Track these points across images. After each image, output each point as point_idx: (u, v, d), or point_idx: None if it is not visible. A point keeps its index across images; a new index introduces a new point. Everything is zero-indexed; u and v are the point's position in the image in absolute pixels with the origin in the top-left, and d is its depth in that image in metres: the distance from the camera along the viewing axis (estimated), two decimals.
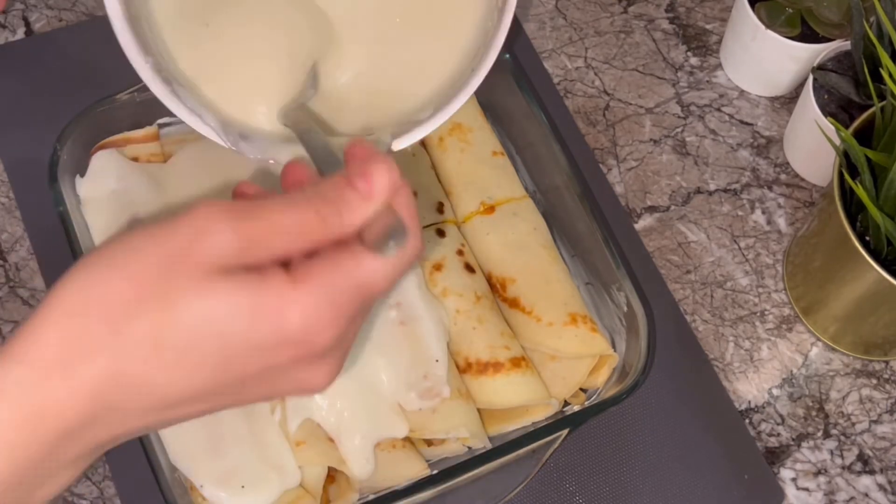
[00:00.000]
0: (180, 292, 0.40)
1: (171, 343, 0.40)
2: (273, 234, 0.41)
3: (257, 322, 0.40)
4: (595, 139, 0.77)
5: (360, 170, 0.43)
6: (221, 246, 0.40)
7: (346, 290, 0.41)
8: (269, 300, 0.40)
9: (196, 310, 0.40)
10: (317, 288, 0.41)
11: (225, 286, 0.40)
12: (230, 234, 0.40)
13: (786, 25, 0.73)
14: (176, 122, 0.71)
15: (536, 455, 0.61)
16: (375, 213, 0.43)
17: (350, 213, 0.42)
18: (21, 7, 0.79)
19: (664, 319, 0.70)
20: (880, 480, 0.67)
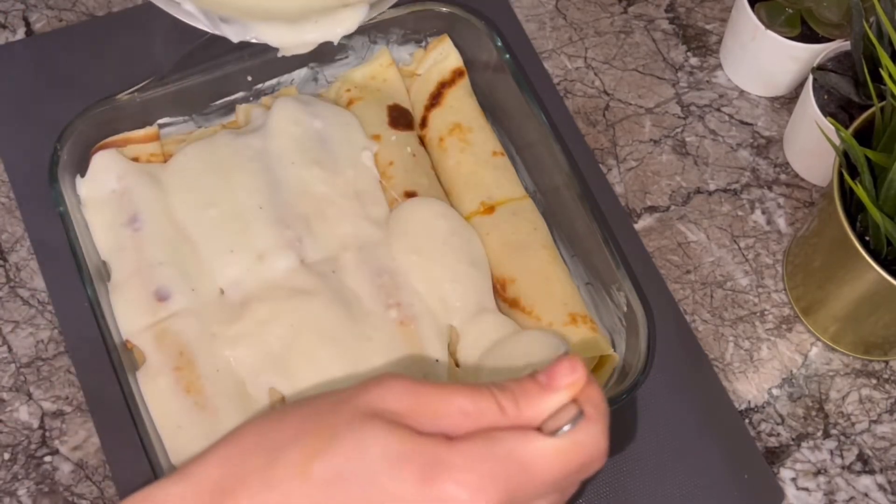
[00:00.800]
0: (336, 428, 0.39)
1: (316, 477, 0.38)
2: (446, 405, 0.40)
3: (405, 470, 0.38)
4: (595, 139, 0.77)
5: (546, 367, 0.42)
6: (391, 397, 0.40)
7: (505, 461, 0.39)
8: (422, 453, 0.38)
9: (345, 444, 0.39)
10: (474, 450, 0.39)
11: (381, 428, 0.39)
12: (405, 391, 0.40)
13: (786, 25, 0.73)
14: (176, 122, 0.71)
15: None
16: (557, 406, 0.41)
17: (527, 402, 0.41)
18: (21, 7, 0.79)
19: (664, 319, 0.70)
20: (880, 480, 0.67)
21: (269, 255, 0.64)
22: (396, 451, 0.38)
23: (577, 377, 0.42)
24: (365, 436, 0.39)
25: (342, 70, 0.74)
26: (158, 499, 0.40)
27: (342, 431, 0.39)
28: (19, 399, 0.66)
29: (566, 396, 0.42)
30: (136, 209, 0.66)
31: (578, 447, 0.40)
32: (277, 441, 0.40)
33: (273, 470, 0.39)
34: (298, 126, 0.68)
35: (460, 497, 0.38)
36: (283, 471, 0.39)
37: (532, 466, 0.39)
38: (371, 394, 0.40)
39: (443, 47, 0.73)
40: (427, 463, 0.38)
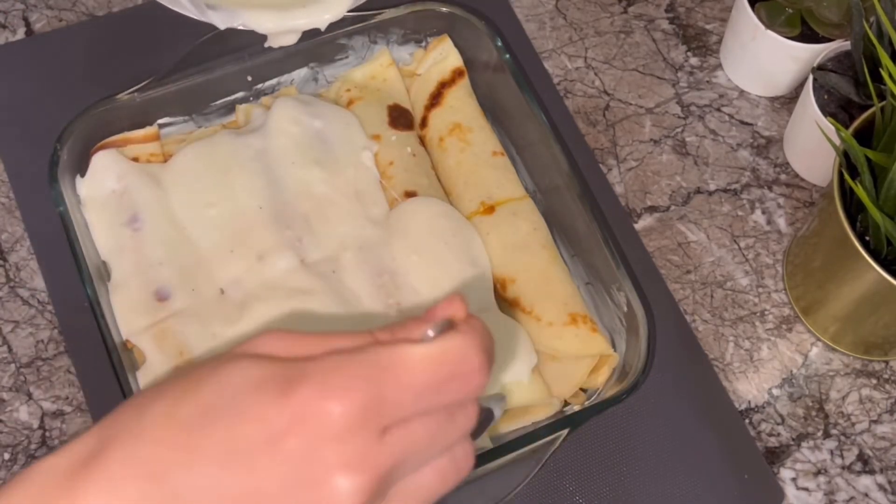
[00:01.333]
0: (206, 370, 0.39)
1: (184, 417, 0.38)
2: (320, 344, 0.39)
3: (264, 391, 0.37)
4: (595, 139, 0.77)
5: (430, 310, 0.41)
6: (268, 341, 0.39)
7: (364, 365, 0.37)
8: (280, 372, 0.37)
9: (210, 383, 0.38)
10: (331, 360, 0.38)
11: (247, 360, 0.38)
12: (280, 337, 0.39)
13: (786, 25, 0.73)
14: (176, 122, 0.71)
15: (536, 455, 0.61)
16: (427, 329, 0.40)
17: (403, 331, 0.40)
18: (21, 7, 0.80)
19: (664, 319, 0.70)
20: (880, 480, 0.67)
21: (269, 255, 0.64)
22: (257, 375, 0.37)
23: (458, 308, 0.41)
24: (227, 372, 0.38)
25: (342, 70, 0.74)
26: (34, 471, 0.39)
27: (208, 374, 0.38)
28: (19, 399, 0.66)
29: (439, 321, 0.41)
30: (136, 209, 0.66)
31: (445, 354, 0.39)
32: (149, 397, 0.39)
33: (141, 422, 0.38)
34: (298, 126, 0.68)
35: (319, 402, 0.36)
36: (151, 420, 0.38)
37: (395, 369, 0.38)
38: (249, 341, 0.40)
39: (443, 47, 0.73)
40: (287, 376, 0.37)
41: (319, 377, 0.37)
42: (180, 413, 0.38)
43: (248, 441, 0.37)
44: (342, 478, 0.36)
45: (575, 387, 0.64)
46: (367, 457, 0.37)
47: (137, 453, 0.37)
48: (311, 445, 0.36)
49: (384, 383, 0.37)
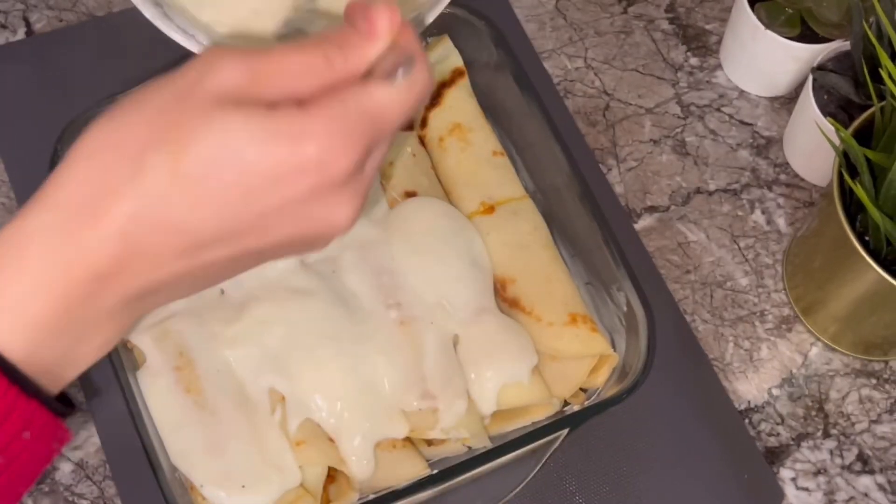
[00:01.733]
0: (193, 123, 0.40)
1: (188, 174, 0.40)
2: (280, 71, 0.42)
3: (272, 148, 0.40)
4: (595, 139, 0.77)
5: (362, 13, 0.44)
6: (230, 77, 0.41)
7: (358, 116, 0.42)
8: (283, 127, 0.40)
9: (210, 138, 0.40)
10: (328, 114, 0.41)
11: (236, 115, 0.40)
12: (238, 66, 0.41)
13: (785, 25, 0.73)
14: None
15: (536, 455, 0.61)
16: (381, 51, 0.44)
17: (353, 53, 0.43)
18: (21, 7, 0.80)
19: (664, 319, 0.70)
20: (880, 480, 0.67)
21: None
22: (258, 129, 0.40)
23: (394, 19, 0.44)
24: (223, 124, 0.40)
25: None
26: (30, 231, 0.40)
27: (200, 125, 0.40)
28: None
29: (387, 41, 0.44)
30: None
31: (414, 86, 0.44)
32: (134, 148, 0.40)
33: (143, 177, 0.40)
34: None
35: (326, 155, 0.41)
36: (154, 175, 0.39)
37: (381, 114, 0.42)
38: (210, 79, 0.41)
39: (443, 47, 0.73)
40: (288, 132, 0.40)
41: (322, 136, 0.41)
42: (182, 168, 0.40)
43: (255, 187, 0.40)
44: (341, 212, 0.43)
45: (575, 387, 0.64)
46: (359, 189, 0.44)
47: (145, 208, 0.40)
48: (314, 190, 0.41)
49: (374, 131, 0.43)
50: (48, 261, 0.40)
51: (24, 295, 0.40)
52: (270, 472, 0.58)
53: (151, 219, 0.40)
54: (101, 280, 0.40)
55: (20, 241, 0.40)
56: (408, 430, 0.60)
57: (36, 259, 0.40)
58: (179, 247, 0.41)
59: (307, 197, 0.41)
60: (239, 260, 0.43)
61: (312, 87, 0.42)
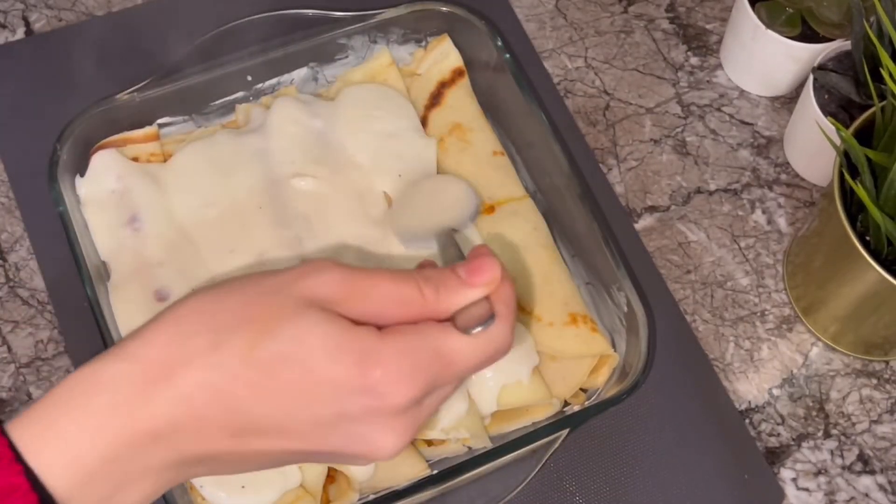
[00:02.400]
0: (277, 315, 0.42)
1: (259, 361, 0.42)
2: (374, 293, 0.44)
3: (341, 361, 0.42)
4: (595, 139, 0.77)
5: (467, 262, 0.47)
6: (327, 285, 0.44)
7: (429, 356, 0.44)
8: (356, 345, 0.43)
9: (287, 333, 0.42)
10: (402, 345, 0.43)
11: (319, 317, 0.43)
12: (337, 278, 0.44)
13: (786, 25, 0.73)
14: (176, 121, 0.71)
15: (536, 455, 0.61)
16: (472, 300, 0.46)
17: (447, 293, 0.46)
18: (21, 7, 0.80)
19: (664, 319, 0.70)
20: (880, 480, 0.67)
21: (269, 255, 0.64)
22: (333, 339, 0.42)
23: (494, 276, 0.47)
24: (304, 324, 0.42)
25: (342, 70, 0.74)
26: (103, 378, 0.42)
27: (284, 319, 0.43)
28: (19, 399, 0.66)
29: (482, 293, 0.46)
30: (136, 209, 0.66)
31: (490, 343, 0.46)
32: (220, 324, 0.43)
33: (217, 353, 0.42)
34: (298, 126, 0.68)
35: (389, 384, 0.43)
36: (228, 354, 0.42)
37: (451, 360, 0.45)
38: (308, 281, 0.44)
39: (443, 47, 0.73)
40: (360, 351, 0.42)
41: (390, 364, 0.43)
42: (255, 355, 0.42)
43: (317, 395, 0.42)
44: (390, 440, 0.44)
45: (575, 387, 0.64)
46: (412, 423, 0.45)
47: (213, 381, 0.42)
48: (370, 413, 0.43)
49: (441, 373, 0.44)
50: (114, 409, 0.41)
51: (81, 431, 0.41)
52: (270, 473, 0.58)
53: (215, 393, 0.42)
54: (155, 438, 0.42)
55: (93, 383, 0.42)
56: None
57: (102, 401, 0.41)
58: (233, 426, 0.42)
59: (361, 417, 0.43)
60: (282, 456, 0.45)
61: (398, 317, 0.45)
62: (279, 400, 0.42)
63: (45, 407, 0.42)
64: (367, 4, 0.72)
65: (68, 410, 0.41)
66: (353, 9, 0.71)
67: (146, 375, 0.42)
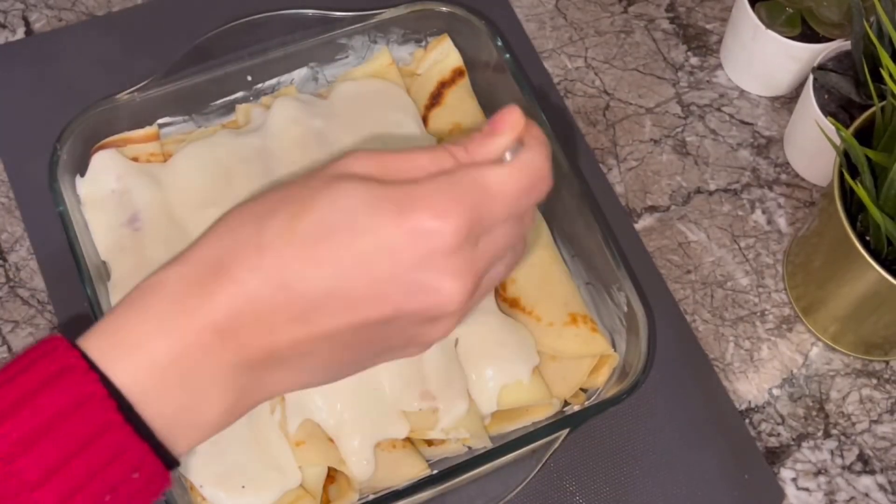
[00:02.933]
0: (314, 191, 0.43)
1: (303, 234, 0.42)
2: (408, 164, 0.44)
3: (382, 213, 0.42)
4: (595, 139, 0.77)
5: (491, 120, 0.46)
6: (360, 163, 0.44)
7: (466, 186, 0.43)
8: (393, 194, 0.42)
9: (326, 202, 0.42)
10: (437, 183, 0.43)
11: (353, 182, 0.43)
12: (370, 159, 0.44)
13: (786, 25, 0.73)
14: (176, 121, 0.71)
15: (536, 455, 0.61)
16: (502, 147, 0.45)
17: (475, 147, 0.45)
18: (21, 7, 0.80)
19: (664, 319, 0.70)
20: (880, 480, 0.67)
21: None
22: (371, 195, 0.42)
23: (516, 118, 0.46)
24: (339, 191, 0.42)
25: (342, 70, 0.74)
26: (165, 281, 0.43)
27: (318, 192, 0.43)
28: None
29: (509, 138, 0.46)
30: (136, 209, 0.66)
31: (525, 167, 0.45)
32: (262, 211, 0.43)
33: (261, 237, 0.42)
34: (298, 126, 0.68)
35: (433, 222, 0.42)
36: (271, 235, 0.42)
37: (490, 187, 0.43)
38: (342, 162, 0.44)
39: (443, 47, 0.73)
40: (399, 199, 0.42)
41: (430, 200, 0.42)
42: (299, 228, 0.42)
43: (367, 253, 0.42)
44: (450, 283, 0.43)
45: (575, 387, 0.64)
46: (469, 264, 0.43)
47: (263, 264, 0.42)
48: (424, 258, 0.42)
49: (482, 203, 0.43)
50: (174, 306, 0.42)
51: (147, 335, 0.42)
52: (270, 473, 0.58)
53: (266, 274, 0.42)
54: (219, 334, 0.42)
55: (154, 287, 0.43)
56: (408, 430, 0.60)
57: (164, 303, 0.42)
58: (292, 307, 0.42)
59: (416, 264, 0.42)
60: (359, 333, 0.44)
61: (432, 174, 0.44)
62: (330, 266, 0.42)
63: (114, 317, 0.42)
64: (367, 4, 0.72)
65: (134, 316, 0.42)
66: (353, 9, 0.71)
67: (202, 272, 0.42)
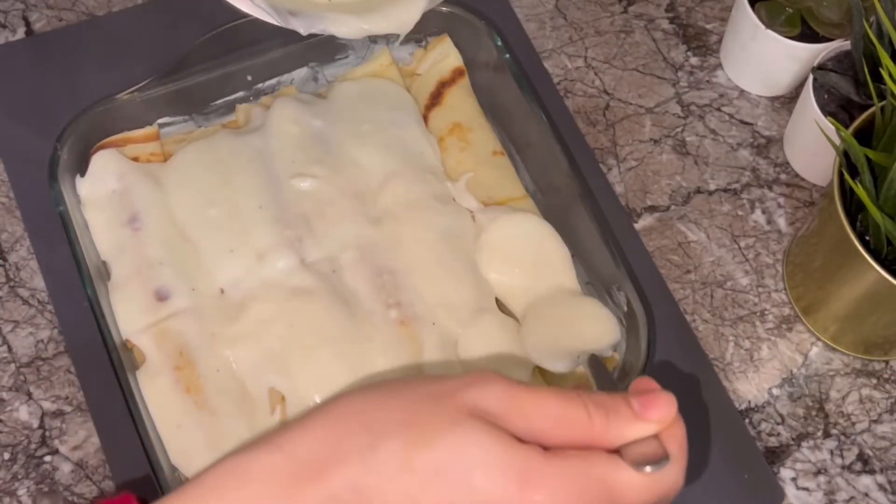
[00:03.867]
0: (440, 423, 0.40)
1: (418, 469, 0.40)
2: (541, 410, 0.42)
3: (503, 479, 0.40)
4: (595, 139, 0.77)
5: (642, 394, 0.44)
6: (489, 397, 0.41)
7: (596, 485, 0.41)
8: (521, 463, 0.40)
9: (451, 442, 0.40)
10: (568, 469, 0.40)
11: (482, 429, 0.40)
12: (501, 391, 0.42)
13: (786, 25, 0.73)
14: (176, 121, 0.71)
15: None
16: (643, 435, 0.43)
17: (618, 423, 0.43)
18: (21, 7, 0.79)
19: (664, 319, 0.70)
20: (880, 480, 0.67)
21: (269, 255, 0.64)
22: (495, 455, 0.40)
23: (670, 414, 0.44)
24: (466, 436, 0.40)
25: (342, 70, 0.74)
26: (253, 469, 0.41)
27: (445, 428, 0.40)
28: (19, 399, 0.66)
29: (654, 429, 0.43)
30: (136, 209, 0.66)
31: (661, 484, 0.42)
32: (380, 426, 0.41)
33: (375, 455, 0.40)
34: (298, 126, 0.68)
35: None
36: (385, 457, 0.40)
37: (618, 495, 0.41)
38: (472, 391, 0.42)
39: (443, 47, 0.73)
40: (522, 469, 0.40)
41: (553, 483, 0.39)
42: (415, 463, 0.40)
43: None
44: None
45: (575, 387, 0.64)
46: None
47: (366, 484, 0.39)
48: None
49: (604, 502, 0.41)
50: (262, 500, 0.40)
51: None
52: None
53: (365, 496, 0.40)
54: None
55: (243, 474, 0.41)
56: None
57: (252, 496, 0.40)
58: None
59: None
60: None
61: (563, 438, 0.42)
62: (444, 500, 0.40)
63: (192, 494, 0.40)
64: None
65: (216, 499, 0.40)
66: None
67: (298, 470, 0.40)
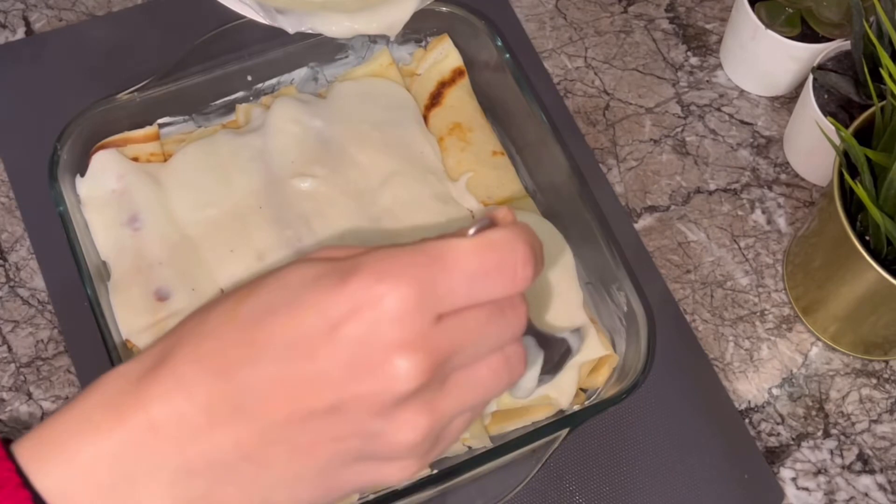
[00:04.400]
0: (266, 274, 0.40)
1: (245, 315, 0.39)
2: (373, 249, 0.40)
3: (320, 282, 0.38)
4: (595, 139, 0.77)
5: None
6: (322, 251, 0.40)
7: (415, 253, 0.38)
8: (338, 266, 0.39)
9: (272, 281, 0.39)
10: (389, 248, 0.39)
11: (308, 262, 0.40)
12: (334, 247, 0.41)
13: (786, 25, 0.73)
14: (176, 121, 0.71)
15: (536, 455, 0.61)
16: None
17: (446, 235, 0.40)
18: (21, 7, 0.80)
19: (664, 319, 0.70)
20: (880, 480, 0.67)
21: (269, 255, 0.64)
22: (313, 272, 0.39)
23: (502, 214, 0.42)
24: (286, 272, 0.39)
25: (342, 70, 0.74)
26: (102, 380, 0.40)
27: (266, 278, 0.40)
28: (19, 399, 0.66)
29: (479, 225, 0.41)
30: (136, 209, 0.66)
31: (489, 244, 0.39)
32: (211, 304, 0.41)
33: (204, 324, 0.39)
34: (298, 126, 0.68)
35: (376, 286, 0.37)
36: (213, 320, 0.39)
37: (444, 257, 0.38)
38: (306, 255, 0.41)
39: (443, 47, 0.73)
40: (341, 270, 0.38)
41: (372, 266, 0.38)
42: (241, 311, 0.39)
43: (307, 330, 0.38)
44: (400, 358, 0.37)
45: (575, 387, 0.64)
46: (423, 338, 0.38)
47: (201, 351, 0.39)
48: (368, 330, 0.37)
49: (434, 270, 0.38)
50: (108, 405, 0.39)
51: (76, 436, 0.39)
52: None
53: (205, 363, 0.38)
54: (155, 432, 0.38)
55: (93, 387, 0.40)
56: None
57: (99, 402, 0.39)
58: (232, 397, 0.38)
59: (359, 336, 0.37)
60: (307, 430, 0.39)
61: None
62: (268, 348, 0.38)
63: (51, 420, 0.40)
64: None
65: (69, 418, 0.39)
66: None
67: (142, 368, 0.39)
